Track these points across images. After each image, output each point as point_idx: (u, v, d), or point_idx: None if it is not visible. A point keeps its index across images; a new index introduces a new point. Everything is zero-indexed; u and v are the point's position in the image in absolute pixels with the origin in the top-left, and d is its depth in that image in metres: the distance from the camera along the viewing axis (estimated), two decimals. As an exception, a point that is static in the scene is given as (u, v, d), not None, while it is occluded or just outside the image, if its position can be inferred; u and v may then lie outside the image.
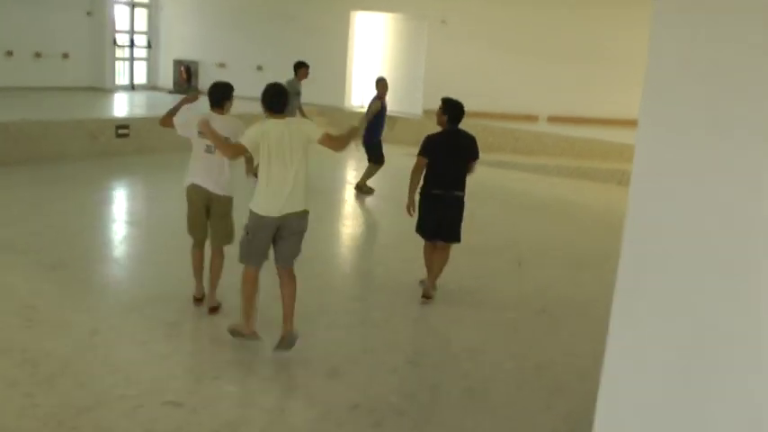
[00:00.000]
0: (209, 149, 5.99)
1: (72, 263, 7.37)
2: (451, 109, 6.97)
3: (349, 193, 11.90)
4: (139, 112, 16.89)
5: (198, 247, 6.39)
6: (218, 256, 6.27)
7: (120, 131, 13.42)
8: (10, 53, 17.35)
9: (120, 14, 19.80)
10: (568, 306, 7.14)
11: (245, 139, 5.44)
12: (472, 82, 16.79)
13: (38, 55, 17.95)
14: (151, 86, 20.81)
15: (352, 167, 13.70)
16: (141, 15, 20.46)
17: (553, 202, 12.21)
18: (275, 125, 5.45)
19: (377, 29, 18.86)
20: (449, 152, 6.92)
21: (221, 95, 6.15)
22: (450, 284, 7.26)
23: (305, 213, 5.60)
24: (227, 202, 6.27)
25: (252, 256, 5.61)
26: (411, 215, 7.00)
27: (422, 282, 7.13)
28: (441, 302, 6.93)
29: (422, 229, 6.99)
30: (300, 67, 12.65)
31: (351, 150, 10.72)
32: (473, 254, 8.50)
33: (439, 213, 6.87)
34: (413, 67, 17.93)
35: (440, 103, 7.08)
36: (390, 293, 7.23)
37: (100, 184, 11.15)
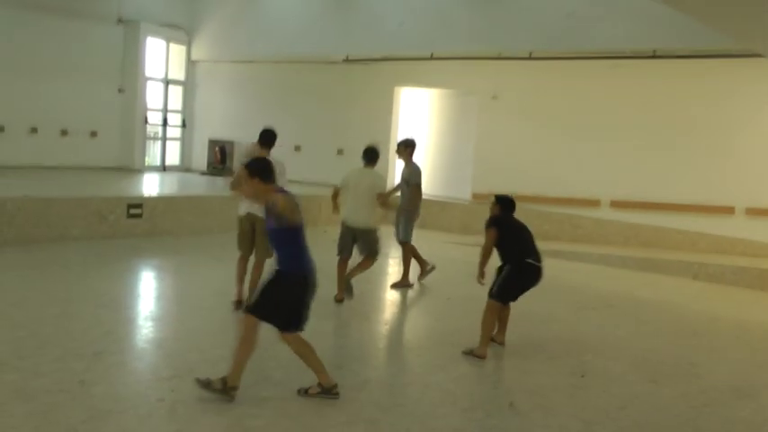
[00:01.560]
0: None
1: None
2: (504, 202, 7.43)
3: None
4: (168, 191, 15.64)
5: (243, 259, 8.09)
6: (259, 267, 7.81)
7: (132, 211, 12.13)
8: (34, 130, 16.40)
9: (153, 92, 18.85)
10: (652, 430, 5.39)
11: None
12: (526, 163, 15.31)
13: (64, 132, 16.98)
14: (185, 168, 19.74)
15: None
16: (175, 93, 19.53)
17: (619, 299, 10.44)
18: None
19: (423, 106, 17.53)
20: (520, 227, 7.34)
21: (272, 137, 8.19)
22: (498, 400, 5.63)
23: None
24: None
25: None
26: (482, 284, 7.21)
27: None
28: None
29: (509, 295, 7.17)
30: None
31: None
32: (526, 361, 6.86)
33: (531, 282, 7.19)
34: (461, 147, 16.47)
35: (492, 197, 7.53)
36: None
37: (98, 268, 9.76)
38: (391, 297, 9.55)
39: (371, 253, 8.75)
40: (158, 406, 5.15)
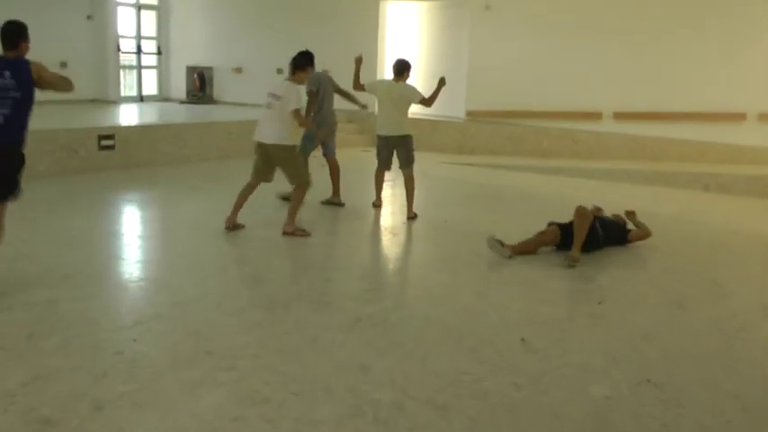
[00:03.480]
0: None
1: None
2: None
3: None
4: (144, 122, 14.71)
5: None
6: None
7: (104, 143, 11.28)
8: (-1, 63, 15.40)
9: (125, 18, 17.75)
10: (680, 369, 4.69)
11: None
12: (522, 77, 14.42)
13: (31, 64, 15.96)
14: (163, 97, 18.77)
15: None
16: (148, 18, 18.42)
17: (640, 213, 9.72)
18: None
19: (411, 20, 16.49)
20: None
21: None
22: (508, 335, 4.93)
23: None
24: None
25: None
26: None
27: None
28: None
29: None
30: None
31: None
32: (535, 289, 6.17)
33: None
34: (453, 63, 15.48)
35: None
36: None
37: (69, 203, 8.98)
38: (384, 223, 8.80)
39: (409, 160, 8.75)
40: (116, 361, 4.43)
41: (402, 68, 8.71)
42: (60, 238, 7.24)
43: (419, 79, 16.12)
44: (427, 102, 8.62)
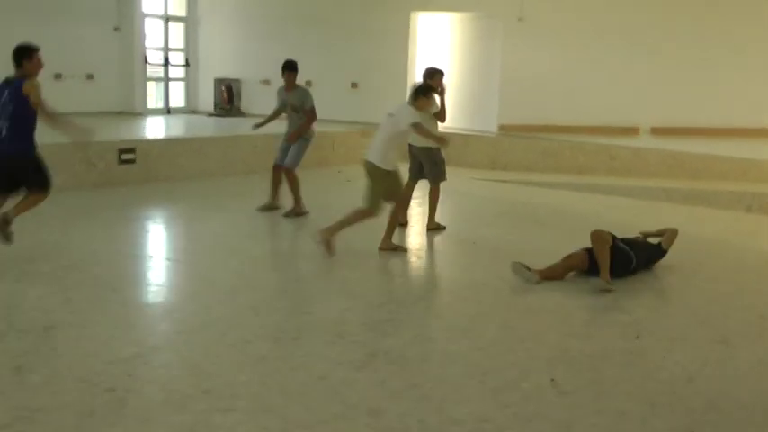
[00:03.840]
0: None
1: None
2: None
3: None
4: (170, 135, 14.44)
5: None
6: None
7: (124, 157, 11.01)
8: (25, 74, 15.24)
9: (153, 30, 17.53)
10: (727, 419, 4.22)
11: None
12: (557, 90, 13.92)
13: (58, 76, 15.70)
14: (190, 110, 18.52)
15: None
16: (176, 30, 18.19)
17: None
18: None
19: (443, 32, 16.08)
20: None
21: None
22: (536, 375, 4.48)
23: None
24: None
25: None
26: None
27: None
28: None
29: None
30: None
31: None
32: (567, 320, 5.71)
33: None
34: (485, 76, 15.05)
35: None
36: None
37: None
38: (408, 244, 8.37)
39: (438, 176, 8.55)
40: (106, 399, 4.06)
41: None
42: (64, 258, 6.92)
43: (450, 92, 15.74)
44: (439, 117, 8.48)
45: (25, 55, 6.57)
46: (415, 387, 4.39)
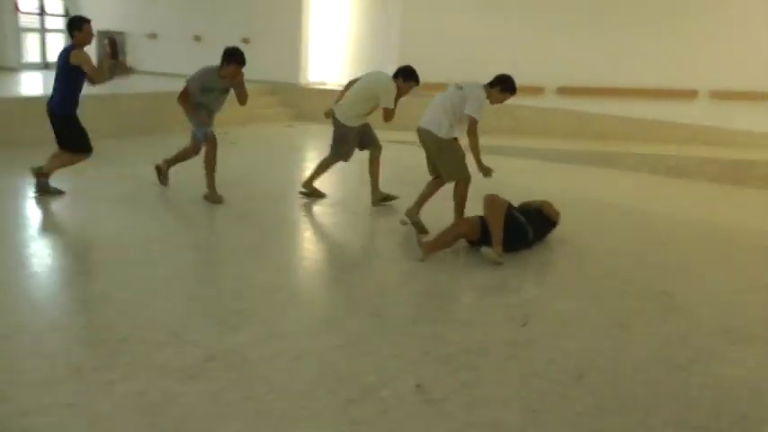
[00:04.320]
0: None
1: None
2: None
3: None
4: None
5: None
6: None
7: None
8: None
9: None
10: (619, 424, 3.60)
11: None
12: (459, 47, 13.22)
13: None
14: (73, 65, 17.17)
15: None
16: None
17: (572, 202, 8.64)
18: None
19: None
20: None
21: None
22: (404, 377, 3.75)
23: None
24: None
25: None
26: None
27: None
28: None
29: None
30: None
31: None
32: (440, 306, 5.02)
33: None
34: (384, 34, 14.24)
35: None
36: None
37: None
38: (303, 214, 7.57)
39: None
40: None
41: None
42: None
43: (348, 51, 14.96)
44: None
45: (75, 26, 7.13)
46: (253, 400, 3.62)
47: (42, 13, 16.46)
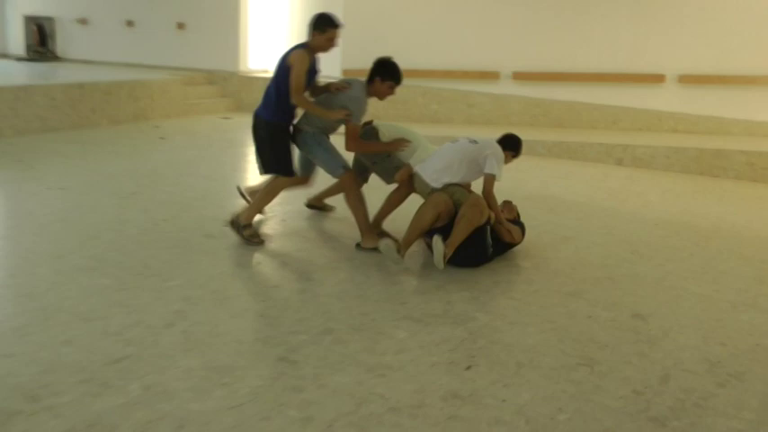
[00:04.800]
0: None
1: None
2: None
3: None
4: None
5: None
6: None
7: None
8: None
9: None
10: None
11: None
12: (408, 30, 12.32)
13: None
14: (0, 53, 16.05)
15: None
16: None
17: (531, 199, 7.79)
18: None
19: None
20: None
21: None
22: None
23: None
24: None
25: None
26: None
27: None
28: None
29: None
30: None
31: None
32: (368, 349, 4.08)
33: None
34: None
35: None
36: None
37: None
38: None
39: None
40: None
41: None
42: None
43: (291, 35, 13.99)
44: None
45: (318, 26, 5.55)
46: None
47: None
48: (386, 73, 5.74)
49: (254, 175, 8.03)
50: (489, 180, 5.51)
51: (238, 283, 5.03)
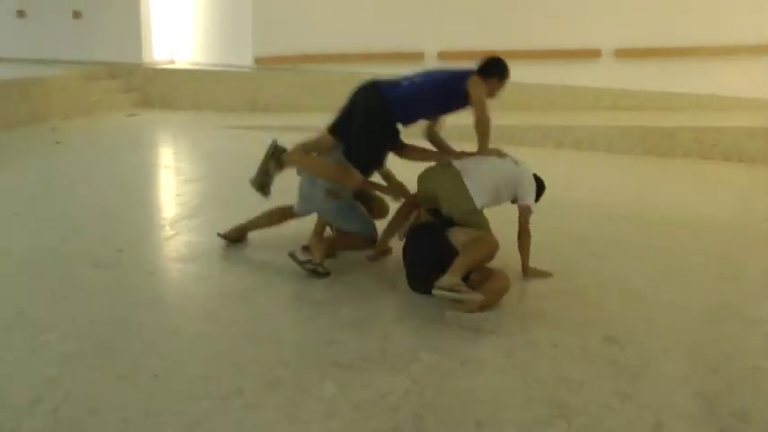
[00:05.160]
0: None
1: None
2: None
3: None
4: None
5: None
6: None
7: None
8: None
9: None
10: None
11: None
12: (321, 13, 11.49)
13: None
14: None
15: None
16: None
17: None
18: None
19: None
20: None
21: None
22: None
23: None
24: None
25: None
26: None
27: None
28: None
29: None
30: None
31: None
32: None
33: None
34: (236, 3, 12.35)
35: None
36: None
37: None
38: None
39: None
40: None
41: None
42: None
43: (198, 22, 13.01)
44: None
45: (486, 71, 5.05)
46: None
47: None
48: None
49: (168, 183, 7.07)
50: (527, 212, 4.91)
51: (129, 330, 4.09)
